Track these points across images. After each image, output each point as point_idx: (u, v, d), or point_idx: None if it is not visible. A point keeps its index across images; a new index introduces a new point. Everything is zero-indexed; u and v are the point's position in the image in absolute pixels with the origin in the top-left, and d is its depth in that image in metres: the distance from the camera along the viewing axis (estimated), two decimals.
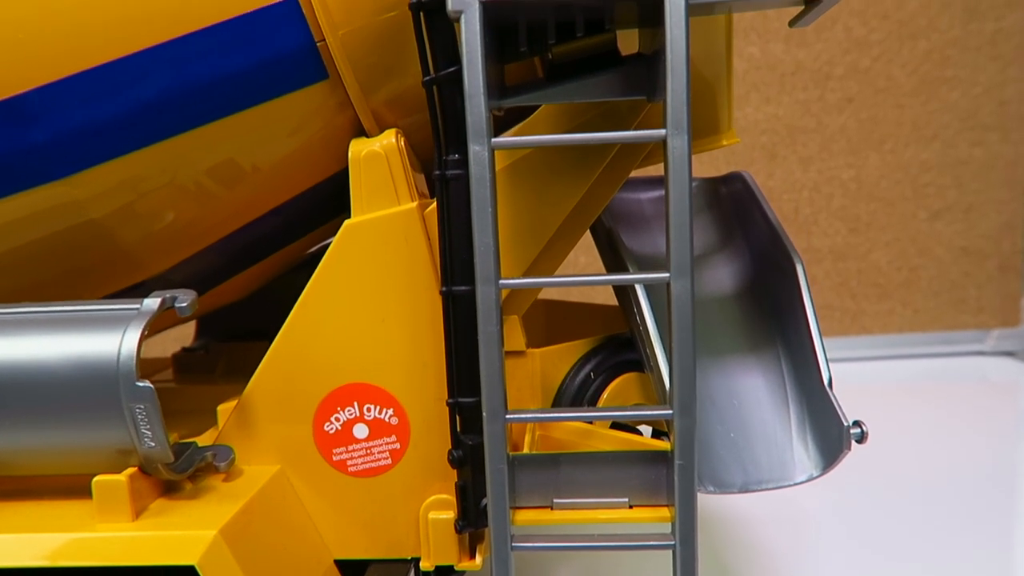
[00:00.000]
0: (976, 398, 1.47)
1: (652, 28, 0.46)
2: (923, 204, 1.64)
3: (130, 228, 0.53)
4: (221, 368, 0.84)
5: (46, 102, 0.46)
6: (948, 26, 1.58)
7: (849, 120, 1.62)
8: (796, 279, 0.56)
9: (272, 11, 0.48)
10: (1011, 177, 1.63)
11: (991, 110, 1.60)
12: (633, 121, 0.51)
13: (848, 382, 1.58)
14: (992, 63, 1.59)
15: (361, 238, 0.52)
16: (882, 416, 1.32)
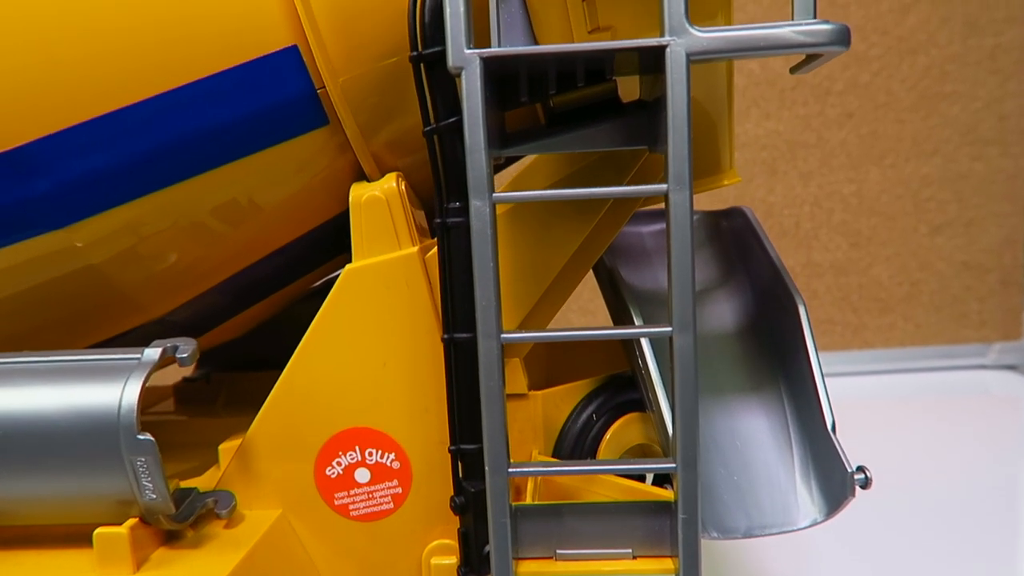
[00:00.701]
0: (978, 411, 1.47)
1: (653, 74, 0.46)
2: (924, 218, 1.64)
3: (131, 272, 0.53)
4: (222, 399, 0.83)
5: (48, 153, 0.46)
6: (947, 41, 1.58)
7: (849, 135, 1.62)
8: (798, 319, 0.55)
9: (272, 60, 0.48)
10: (1011, 191, 1.62)
11: (991, 124, 1.60)
12: (635, 165, 0.51)
13: (850, 397, 1.59)
14: (992, 78, 1.59)
15: (362, 283, 0.52)
16: (884, 430, 1.33)
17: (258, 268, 0.57)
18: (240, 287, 0.58)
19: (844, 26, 0.39)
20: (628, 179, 0.51)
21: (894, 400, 1.53)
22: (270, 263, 0.57)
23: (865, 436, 1.28)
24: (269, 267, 0.58)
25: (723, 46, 0.39)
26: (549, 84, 0.44)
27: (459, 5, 0.39)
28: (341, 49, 0.49)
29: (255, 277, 0.58)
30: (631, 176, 0.52)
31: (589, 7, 0.45)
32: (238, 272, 0.56)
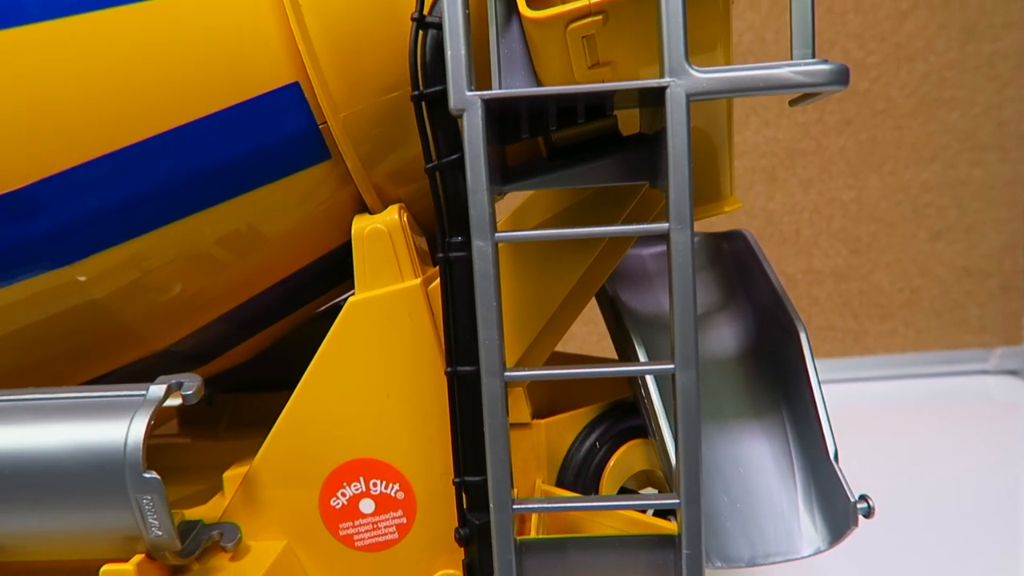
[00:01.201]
0: (980, 417, 1.47)
1: (653, 107, 0.46)
2: (924, 224, 1.64)
3: (134, 305, 0.53)
4: (226, 421, 0.84)
5: (49, 194, 0.47)
6: (945, 48, 1.58)
7: (848, 142, 1.62)
8: (799, 345, 0.56)
9: (274, 97, 0.48)
10: (1011, 196, 1.63)
11: (990, 130, 1.61)
12: (635, 197, 0.51)
13: (851, 403, 1.59)
14: (990, 84, 1.59)
15: (365, 315, 0.52)
16: (886, 436, 1.33)
17: (262, 298, 0.57)
18: (244, 316, 0.58)
19: (843, 66, 0.40)
20: (628, 210, 0.52)
21: (895, 406, 1.53)
22: (274, 292, 0.57)
23: (867, 442, 1.29)
24: (273, 296, 0.58)
25: (723, 87, 0.39)
26: (550, 120, 0.44)
27: (460, 47, 0.40)
28: (343, 85, 0.49)
29: (259, 306, 0.58)
30: (631, 207, 0.52)
31: (589, 43, 0.45)
32: (242, 303, 0.57)
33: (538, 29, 0.44)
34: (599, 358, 0.72)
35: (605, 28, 0.44)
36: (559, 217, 0.52)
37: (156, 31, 0.46)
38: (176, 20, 0.46)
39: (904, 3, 1.57)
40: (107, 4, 0.45)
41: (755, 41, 1.59)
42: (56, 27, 0.45)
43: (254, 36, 0.47)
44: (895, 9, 1.58)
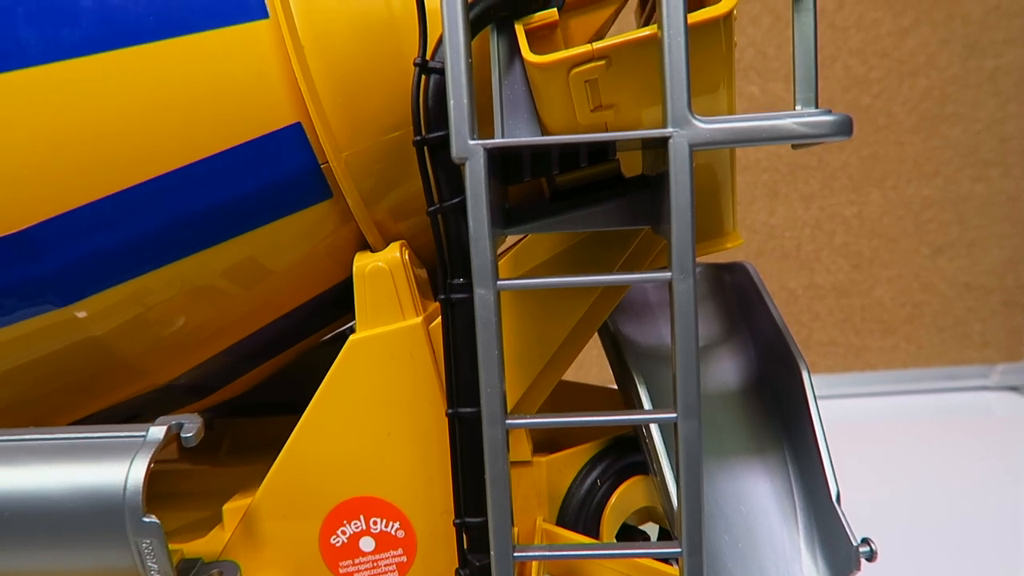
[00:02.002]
0: (981, 432, 1.47)
1: (655, 149, 0.46)
2: (926, 240, 1.64)
3: (135, 341, 0.53)
4: (226, 446, 0.83)
5: (52, 235, 0.46)
6: (947, 64, 1.58)
7: (850, 157, 1.62)
8: (801, 383, 0.55)
9: (276, 137, 0.48)
10: (1013, 212, 1.63)
11: (992, 146, 1.61)
12: (636, 237, 0.51)
13: (853, 418, 1.59)
14: (992, 99, 1.59)
15: (366, 353, 0.52)
16: (887, 452, 1.33)
17: (265, 331, 0.57)
18: (247, 349, 0.58)
19: (846, 117, 0.39)
20: (631, 249, 0.51)
21: (897, 422, 1.53)
22: (277, 326, 0.57)
23: (868, 458, 1.29)
24: (276, 329, 0.58)
25: (726, 137, 0.39)
26: (553, 164, 0.44)
27: (463, 96, 0.39)
28: (345, 125, 0.49)
29: (262, 339, 0.58)
30: (634, 245, 0.52)
31: (591, 87, 0.45)
32: (244, 337, 0.56)
33: (541, 73, 0.44)
34: (601, 388, 0.72)
35: (608, 72, 0.44)
36: (561, 256, 0.52)
37: (159, 73, 0.46)
38: (179, 62, 0.46)
39: (906, 19, 1.57)
40: (109, 47, 0.45)
41: (757, 56, 1.59)
42: (58, 70, 0.45)
43: (257, 77, 0.47)
44: (897, 25, 1.58)
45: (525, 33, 0.47)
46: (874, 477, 1.20)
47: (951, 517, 1.04)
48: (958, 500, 1.11)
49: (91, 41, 0.45)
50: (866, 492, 1.13)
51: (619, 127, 0.47)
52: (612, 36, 0.44)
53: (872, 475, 1.20)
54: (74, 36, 0.45)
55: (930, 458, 1.30)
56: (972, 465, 1.26)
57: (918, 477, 1.20)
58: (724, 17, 0.44)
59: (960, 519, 1.03)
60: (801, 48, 0.47)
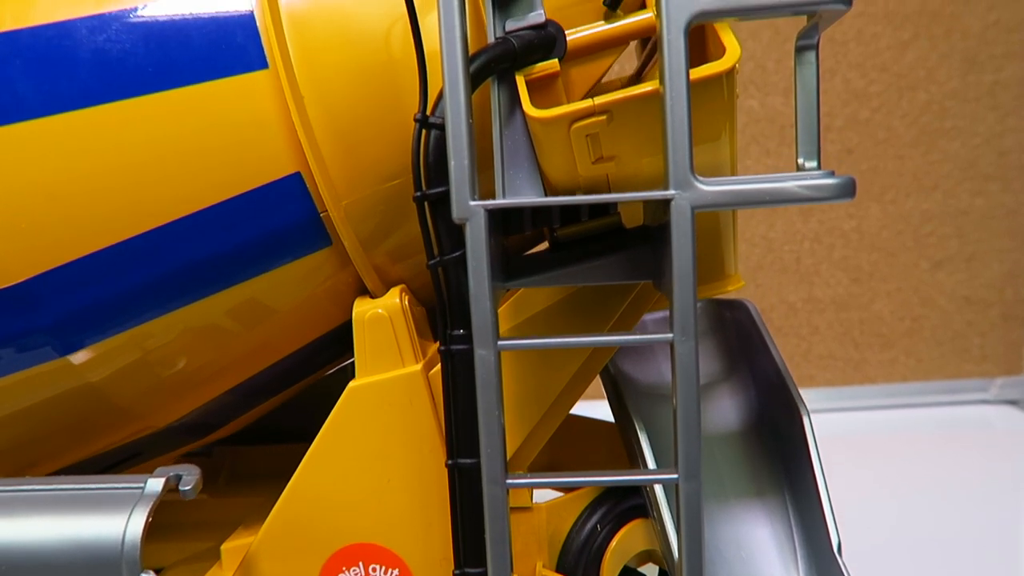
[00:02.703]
0: (980, 446, 1.47)
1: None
2: (925, 254, 1.64)
3: (132, 387, 0.53)
4: (225, 474, 0.83)
5: (50, 287, 0.46)
6: (947, 78, 1.58)
7: (849, 171, 1.59)
8: (802, 428, 0.55)
9: (275, 187, 0.48)
10: (1012, 226, 1.63)
11: (991, 160, 1.61)
12: (637, 284, 0.51)
13: (851, 432, 1.59)
14: (991, 113, 1.59)
15: (365, 400, 0.51)
16: (885, 465, 1.33)
17: (264, 373, 0.57)
18: (247, 390, 0.58)
19: (849, 180, 0.39)
20: (632, 296, 0.51)
21: (896, 435, 1.53)
22: (276, 368, 0.57)
23: (866, 472, 1.29)
24: (276, 371, 0.57)
25: (729, 200, 0.39)
26: (554, 219, 0.44)
27: (463, 158, 0.39)
28: (345, 174, 0.49)
29: (262, 381, 0.58)
30: (635, 293, 0.52)
31: (593, 140, 0.44)
32: (243, 380, 0.56)
33: (542, 127, 0.44)
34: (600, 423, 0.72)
35: (609, 126, 0.44)
36: (561, 304, 0.51)
37: (158, 124, 0.46)
38: (178, 113, 0.46)
39: (905, 33, 1.57)
40: (108, 99, 0.45)
41: (756, 70, 1.59)
42: (56, 122, 0.45)
43: (256, 127, 0.47)
44: (896, 39, 1.57)
45: (526, 84, 0.46)
46: (872, 490, 1.20)
47: (950, 530, 1.04)
48: (957, 513, 1.11)
49: (89, 93, 0.45)
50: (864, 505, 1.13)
51: (621, 178, 0.47)
52: (613, 91, 0.44)
53: (870, 488, 1.20)
54: (72, 88, 0.45)
55: (929, 471, 1.30)
56: (971, 478, 1.26)
57: (917, 490, 1.20)
58: (727, 73, 0.44)
59: (959, 532, 1.03)
60: (803, 102, 0.47)
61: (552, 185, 0.48)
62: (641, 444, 0.54)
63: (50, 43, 0.45)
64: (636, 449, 0.55)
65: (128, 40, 0.45)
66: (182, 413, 0.56)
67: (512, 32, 0.46)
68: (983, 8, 1.56)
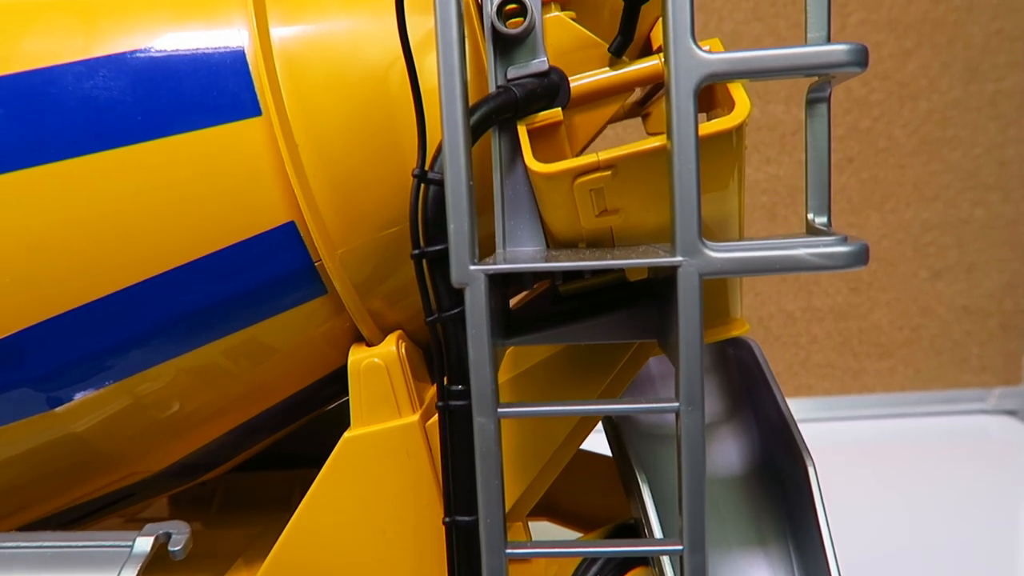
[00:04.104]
0: (977, 456, 1.47)
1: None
2: (924, 264, 1.63)
3: (121, 438, 0.51)
4: (218, 501, 0.82)
5: (36, 342, 0.45)
6: (948, 87, 1.57)
7: (850, 180, 1.60)
8: (807, 477, 0.54)
9: (269, 236, 0.46)
10: (1012, 237, 1.62)
11: (992, 170, 1.60)
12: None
13: (849, 441, 1.58)
14: (993, 123, 1.58)
15: (361, 451, 0.50)
16: (884, 475, 1.32)
17: (261, 415, 0.56)
18: (243, 432, 0.57)
19: (862, 247, 0.38)
20: (631, 351, 0.50)
21: (893, 445, 1.53)
22: (272, 411, 0.56)
23: (864, 480, 1.28)
24: (274, 412, 0.56)
25: (737, 267, 0.38)
26: (555, 275, 0.43)
27: (463, 221, 0.38)
28: (341, 222, 0.47)
29: (259, 422, 0.56)
30: (634, 349, 0.50)
31: (597, 194, 0.43)
32: (237, 426, 0.55)
33: (545, 181, 0.43)
34: (601, 457, 0.71)
35: (614, 180, 0.43)
36: (561, 354, 0.50)
37: (147, 174, 0.44)
38: (168, 162, 0.45)
39: (908, 41, 1.56)
40: (94, 148, 0.44)
41: None
42: (41, 173, 0.43)
43: (249, 176, 0.46)
44: (898, 47, 1.56)
45: (528, 132, 0.45)
46: (870, 499, 1.19)
47: (947, 540, 1.04)
48: (954, 523, 1.11)
49: (75, 143, 0.43)
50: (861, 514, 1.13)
51: (625, 229, 0.46)
52: (618, 146, 0.42)
53: (868, 497, 1.20)
54: (57, 138, 0.43)
55: (926, 481, 1.30)
56: (968, 488, 1.26)
57: (914, 500, 1.20)
58: (736, 128, 0.43)
59: (956, 542, 1.03)
60: (814, 156, 0.46)
61: (554, 236, 0.47)
62: (643, 495, 0.53)
63: (34, 90, 0.43)
64: (636, 496, 0.54)
65: (116, 87, 0.44)
66: (175, 458, 0.54)
67: (514, 80, 0.45)
68: (986, 17, 1.55)
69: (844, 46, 0.36)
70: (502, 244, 0.46)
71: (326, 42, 0.48)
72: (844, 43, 0.37)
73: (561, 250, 0.46)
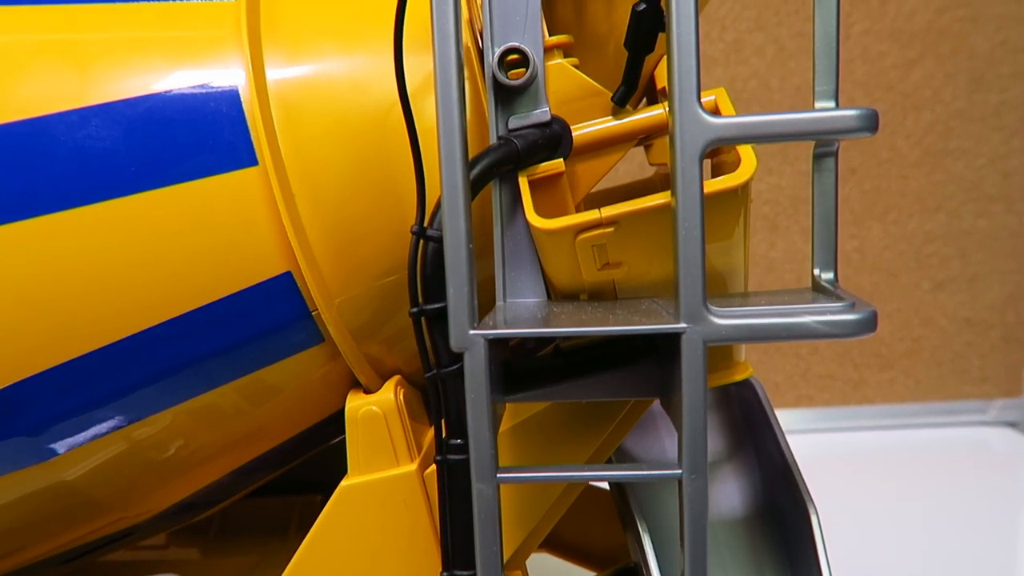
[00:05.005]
0: (978, 468, 1.47)
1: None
2: (926, 275, 1.62)
3: (115, 487, 0.50)
4: (215, 528, 0.81)
5: (26, 395, 0.44)
6: (952, 97, 1.56)
7: (852, 191, 1.60)
8: (809, 525, 0.53)
9: (266, 287, 0.46)
10: (1015, 248, 1.61)
11: (995, 181, 1.59)
12: None
13: (849, 452, 1.58)
14: (996, 134, 1.57)
15: (358, 500, 0.49)
16: (884, 486, 1.32)
17: (257, 460, 0.55)
18: (242, 473, 0.56)
19: (871, 315, 0.37)
20: (633, 401, 0.49)
21: (893, 456, 1.53)
22: (272, 453, 0.55)
23: (864, 492, 1.28)
24: (271, 456, 0.55)
25: (743, 335, 0.37)
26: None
27: (463, 284, 0.37)
28: (338, 273, 0.46)
29: (257, 464, 0.56)
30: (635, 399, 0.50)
31: (599, 250, 0.42)
32: (234, 469, 0.54)
33: (547, 237, 0.42)
34: (600, 491, 0.70)
35: (616, 235, 0.42)
36: (562, 404, 0.49)
37: (141, 226, 0.44)
38: (163, 214, 0.44)
39: (912, 52, 1.55)
40: (87, 200, 0.43)
41: (760, 88, 1.57)
42: (33, 226, 0.43)
43: (245, 227, 0.45)
44: (902, 58, 1.55)
45: (529, 183, 0.44)
46: (870, 510, 1.19)
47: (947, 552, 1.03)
48: (954, 534, 1.10)
49: (67, 195, 0.42)
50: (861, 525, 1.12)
51: (627, 281, 0.45)
52: (621, 204, 0.42)
53: (868, 508, 1.20)
54: (49, 189, 0.42)
55: (927, 492, 1.30)
56: (969, 500, 1.26)
57: (914, 511, 1.20)
58: (742, 186, 0.42)
59: (956, 554, 1.02)
60: (821, 210, 0.45)
61: (556, 287, 0.46)
62: (643, 544, 0.52)
63: (25, 141, 0.43)
64: (636, 542, 0.54)
65: (109, 137, 0.43)
66: (173, 501, 0.54)
67: (515, 131, 0.44)
68: (991, 28, 1.54)
69: (854, 112, 0.36)
70: (502, 295, 0.46)
71: (324, 86, 0.47)
72: (853, 108, 0.36)
73: (563, 303, 0.45)
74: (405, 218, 0.46)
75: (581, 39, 0.51)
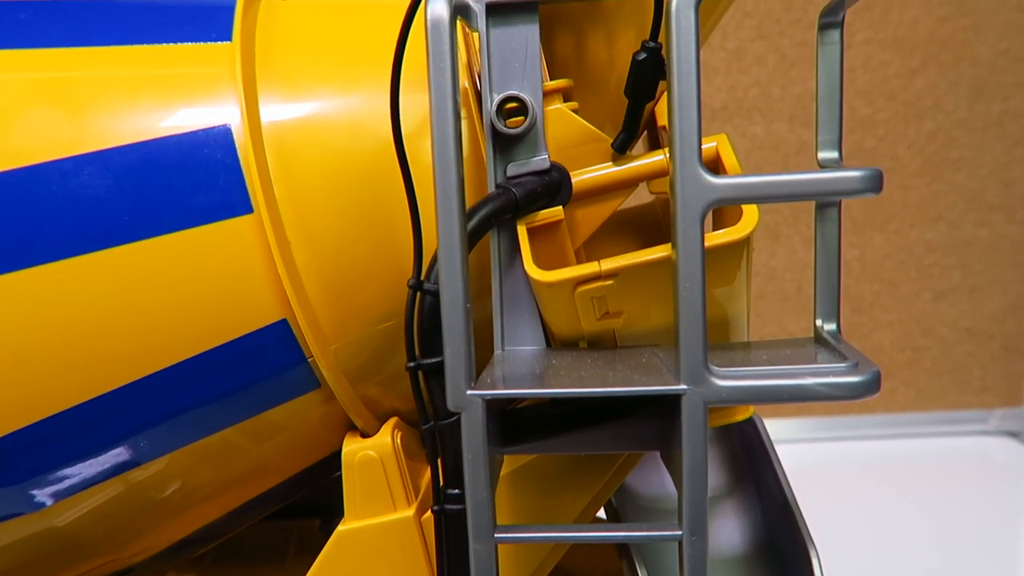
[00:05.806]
0: (978, 478, 1.47)
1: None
2: (927, 284, 1.62)
3: (106, 532, 0.50)
4: (213, 553, 0.81)
5: (16, 448, 0.43)
6: (954, 107, 1.55)
7: (853, 200, 1.59)
8: (810, 565, 0.53)
9: (261, 335, 0.45)
10: (1016, 258, 1.61)
11: (996, 191, 1.58)
12: None
13: (850, 461, 1.57)
14: (998, 144, 1.57)
15: (355, 546, 0.49)
16: (883, 495, 1.32)
17: (255, 499, 0.54)
18: (241, 511, 0.55)
19: (874, 376, 0.36)
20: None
21: (894, 465, 1.52)
22: (270, 492, 0.54)
23: (865, 501, 1.28)
24: (269, 495, 0.55)
25: (745, 397, 0.36)
26: None
27: (460, 344, 0.36)
28: (334, 320, 0.46)
29: (253, 504, 0.55)
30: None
31: (599, 301, 0.42)
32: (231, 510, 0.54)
33: (546, 288, 0.42)
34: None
35: (616, 286, 0.41)
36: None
37: (135, 276, 0.43)
38: (157, 263, 0.43)
39: (914, 61, 1.54)
40: (80, 250, 0.42)
41: (761, 97, 1.56)
42: (24, 277, 0.42)
43: (240, 275, 0.44)
44: (904, 67, 1.54)
45: (528, 231, 0.44)
46: (870, 520, 1.19)
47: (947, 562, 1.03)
48: (955, 544, 1.10)
49: (60, 245, 0.42)
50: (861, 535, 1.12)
51: (627, 329, 0.45)
52: (620, 256, 0.41)
53: (868, 518, 1.20)
54: (41, 240, 0.42)
55: (927, 502, 1.30)
56: (969, 510, 1.26)
57: (914, 521, 1.20)
58: (744, 239, 0.41)
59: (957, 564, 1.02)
60: (824, 258, 0.45)
61: (555, 335, 0.46)
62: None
63: (16, 190, 0.42)
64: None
65: (103, 185, 0.42)
66: (169, 542, 0.53)
67: (514, 179, 0.43)
68: (993, 37, 1.53)
69: (858, 173, 0.35)
70: (500, 344, 0.45)
71: (320, 129, 0.46)
72: (858, 169, 0.35)
73: (562, 353, 0.44)
74: (403, 263, 0.45)
75: (581, 76, 0.50)
